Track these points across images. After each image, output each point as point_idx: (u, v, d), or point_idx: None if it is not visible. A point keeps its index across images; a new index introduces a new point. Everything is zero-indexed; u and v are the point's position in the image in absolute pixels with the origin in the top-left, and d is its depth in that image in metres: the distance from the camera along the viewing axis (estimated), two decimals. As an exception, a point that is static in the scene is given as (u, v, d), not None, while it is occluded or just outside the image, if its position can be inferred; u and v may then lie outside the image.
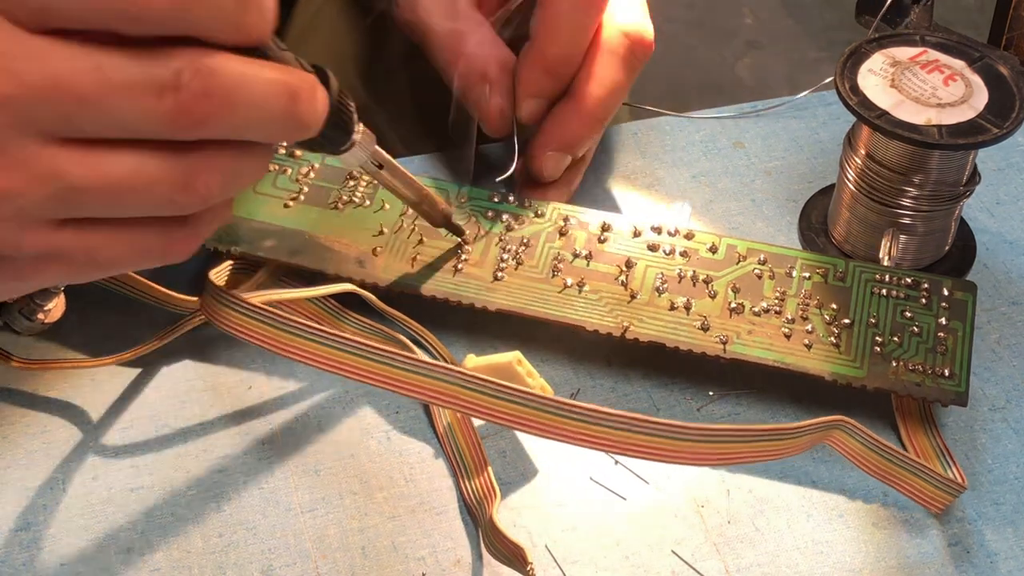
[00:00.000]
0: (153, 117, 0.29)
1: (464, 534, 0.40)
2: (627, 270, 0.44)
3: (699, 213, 0.51)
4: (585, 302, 0.44)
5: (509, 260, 0.45)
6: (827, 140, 0.54)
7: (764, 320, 0.43)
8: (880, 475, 0.40)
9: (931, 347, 0.42)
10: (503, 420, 0.37)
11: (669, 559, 0.40)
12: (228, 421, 0.43)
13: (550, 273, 0.44)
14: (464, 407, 0.38)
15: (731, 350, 0.42)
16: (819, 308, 0.43)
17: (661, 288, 0.44)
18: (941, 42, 0.47)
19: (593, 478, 0.42)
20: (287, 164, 0.48)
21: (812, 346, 0.42)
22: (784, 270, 0.44)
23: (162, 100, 0.29)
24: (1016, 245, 0.50)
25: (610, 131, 0.55)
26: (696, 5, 1.77)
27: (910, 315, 0.43)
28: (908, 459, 0.39)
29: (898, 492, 0.40)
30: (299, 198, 0.47)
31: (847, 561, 0.40)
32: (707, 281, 0.44)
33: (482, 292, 0.44)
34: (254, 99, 0.30)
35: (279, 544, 0.40)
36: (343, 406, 0.44)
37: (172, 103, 0.29)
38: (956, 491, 0.40)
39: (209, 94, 0.29)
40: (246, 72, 0.30)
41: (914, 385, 0.41)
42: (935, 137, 0.43)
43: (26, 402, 0.44)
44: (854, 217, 0.47)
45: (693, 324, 0.43)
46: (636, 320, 0.43)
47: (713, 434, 0.37)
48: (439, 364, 0.38)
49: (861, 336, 0.42)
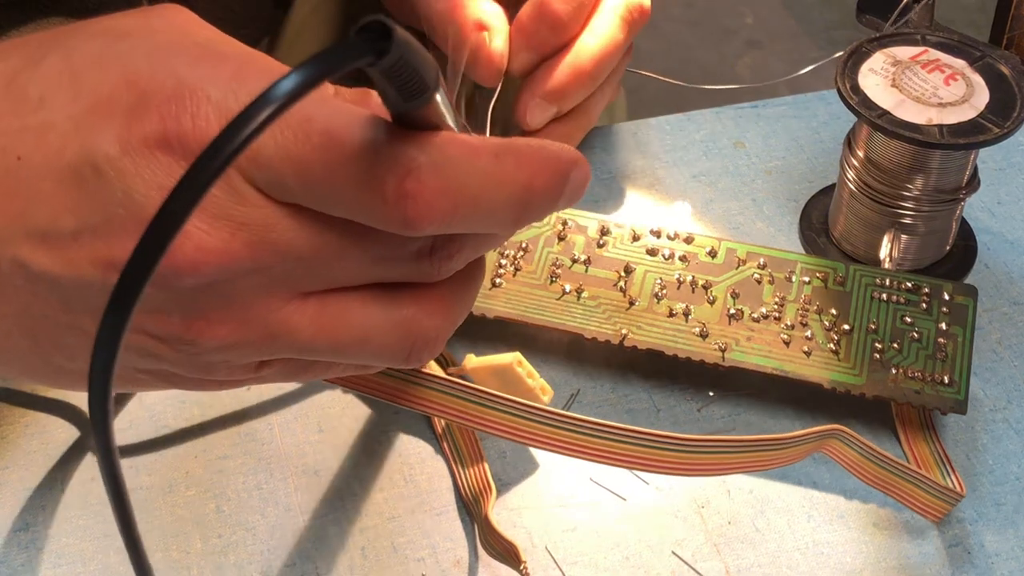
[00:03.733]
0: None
1: (463, 534, 0.40)
2: (626, 276, 0.44)
3: (699, 213, 0.51)
4: (583, 309, 0.43)
5: (507, 266, 0.45)
6: (827, 140, 0.54)
7: (763, 326, 0.43)
8: (878, 484, 0.40)
9: (931, 353, 0.42)
10: (499, 431, 0.37)
11: (669, 560, 0.39)
12: (228, 421, 0.43)
13: (548, 279, 0.44)
14: (462, 419, 0.38)
15: (730, 357, 0.42)
16: (819, 314, 0.43)
17: (660, 294, 0.44)
18: (942, 41, 0.46)
19: (593, 478, 0.42)
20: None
21: (811, 353, 0.42)
22: (784, 274, 0.44)
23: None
24: (1017, 245, 0.50)
25: (610, 131, 0.55)
26: (696, 5, 1.77)
27: (910, 320, 0.43)
28: (905, 468, 0.39)
29: (897, 500, 0.40)
30: None
31: (847, 562, 0.39)
32: (706, 287, 0.44)
33: (481, 299, 0.44)
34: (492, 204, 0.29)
35: (279, 544, 0.40)
36: (343, 406, 0.44)
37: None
38: (954, 500, 0.40)
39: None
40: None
41: (913, 393, 0.41)
42: (936, 137, 0.43)
43: (26, 402, 0.44)
44: (855, 217, 0.47)
45: (692, 331, 0.43)
46: (634, 327, 0.43)
47: (711, 445, 0.37)
48: (439, 377, 0.38)
49: (860, 343, 0.42)
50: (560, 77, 0.47)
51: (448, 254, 0.29)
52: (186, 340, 0.29)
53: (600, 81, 0.49)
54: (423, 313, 0.30)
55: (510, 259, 0.45)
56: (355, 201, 0.27)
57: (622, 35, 0.48)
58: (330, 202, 0.27)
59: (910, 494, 0.40)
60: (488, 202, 0.28)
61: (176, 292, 0.28)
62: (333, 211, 0.28)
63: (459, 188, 0.27)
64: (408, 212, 0.27)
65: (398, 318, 0.30)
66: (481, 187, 0.28)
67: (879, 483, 0.40)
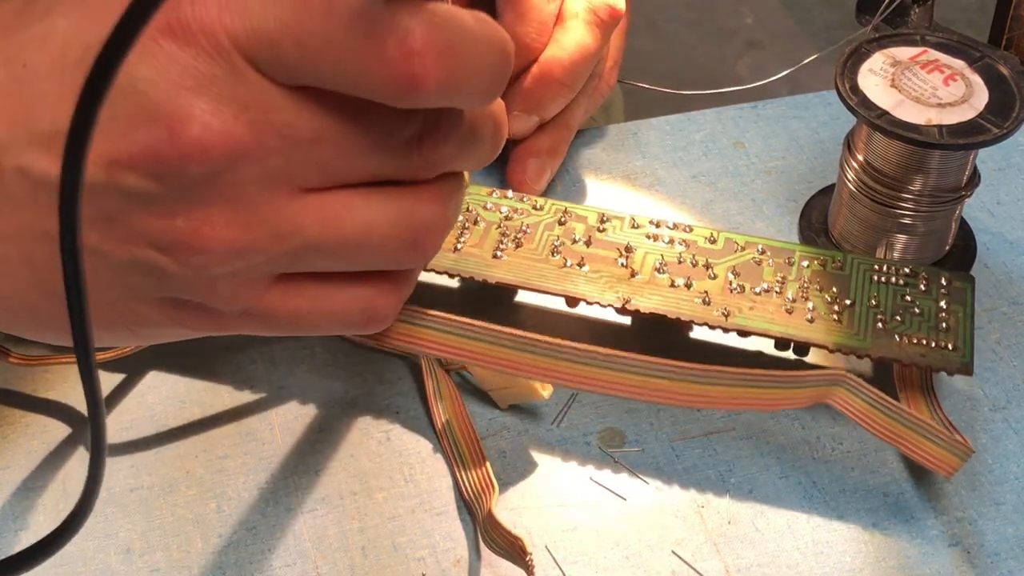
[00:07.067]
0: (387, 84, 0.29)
1: (464, 534, 0.40)
2: (627, 254, 0.44)
3: (699, 213, 0.51)
4: (585, 279, 0.43)
5: (508, 243, 0.45)
6: (827, 140, 0.54)
7: (765, 298, 0.43)
8: (886, 435, 0.39)
9: (933, 325, 0.42)
10: (490, 363, 0.39)
11: (669, 559, 0.39)
12: (228, 421, 0.43)
13: (550, 254, 0.44)
14: (455, 354, 0.39)
15: (733, 322, 0.42)
16: (820, 290, 0.43)
17: (661, 269, 0.44)
18: (941, 42, 0.46)
19: (593, 478, 0.42)
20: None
21: (815, 321, 0.42)
22: (783, 259, 0.44)
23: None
24: (1017, 245, 0.50)
25: (610, 131, 0.55)
26: (696, 5, 1.77)
27: (910, 298, 0.43)
28: (915, 418, 0.39)
29: (905, 454, 0.40)
30: None
31: (847, 561, 0.39)
32: (707, 266, 0.44)
33: (481, 267, 0.44)
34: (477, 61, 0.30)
35: (279, 544, 0.40)
36: (343, 406, 0.44)
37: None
38: (965, 454, 0.39)
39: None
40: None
41: (919, 355, 0.41)
42: (935, 137, 0.43)
43: (26, 402, 0.44)
44: (854, 217, 0.47)
45: (694, 299, 0.43)
46: (637, 295, 0.43)
47: (713, 376, 0.38)
48: (433, 313, 0.39)
49: (863, 315, 0.42)
50: (529, 86, 0.48)
51: (435, 141, 0.30)
52: (192, 247, 0.29)
53: (576, 85, 0.49)
54: (420, 201, 0.31)
55: (511, 238, 0.45)
56: (357, 65, 0.28)
57: (591, 38, 0.49)
58: (331, 71, 0.28)
59: (919, 446, 0.39)
60: (477, 63, 0.29)
61: (181, 186, 0.28)
62: (334, 83, 0.28)
63: (456, 48, 0.28)
64: (415, 69, 0.27)
65: (398, 208, 0.31)
66: (473, 48, 0.29)
67: (888, 434, 0.39)
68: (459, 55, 0.28)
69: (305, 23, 0.27)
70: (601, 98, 0.53)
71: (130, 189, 0.28)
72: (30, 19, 0.29)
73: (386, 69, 0.27)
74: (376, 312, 0.33)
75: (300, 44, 0.27)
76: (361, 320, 0.33)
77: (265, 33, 0.27)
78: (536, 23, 0.48)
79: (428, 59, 0.28)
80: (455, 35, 0.28)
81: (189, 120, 0.27)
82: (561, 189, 0.52)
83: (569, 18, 0.49)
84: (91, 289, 0.24)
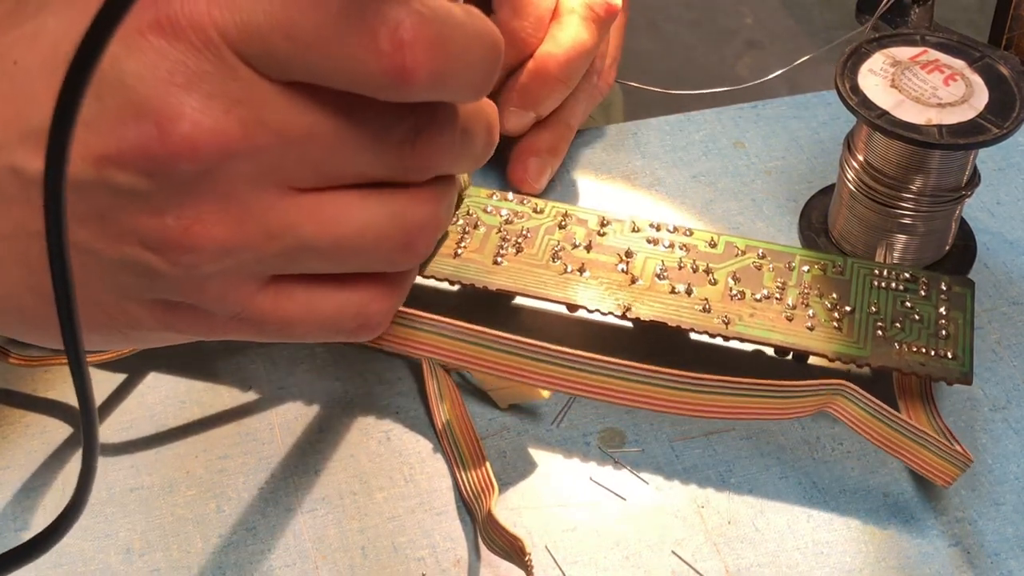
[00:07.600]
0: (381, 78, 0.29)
1: (464, 534, 0.40)
2: (627, 259, 0.44)
3: (699, 213, 0.51)
4: (585, 285, 0.43)
5: (508, 248, 0.45)
6: (827, 140, 0.54)
7: (765, 305, 0.43)
8: (884, 444, 0.39)
9: (933, 332, 0.42)
10: (488, 368, 0.39)
11: (669, 559, 0.39)
12: (228, 421, 0.43)
13: (550, 260, 0.44)
14: (455, 359, 0.39)
15: (733, 330, 0.42)
16: (820, 296, 0.43)
17: (662, 275, 0.44)
18: (941, 42, 0.46)
19: (593, 478, 0.42)
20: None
21: (815, 328, 0.42)
22: (783, 264, 0.44)
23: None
24: (1017, 245, 0.50)
25: (610, 131, 0.55)
26: (696, 5, 1.77)
27: (910, 304, 0.43)
28: (913, 428, 0.39)
29: (904, 462, 0.40)
30: None
31: (847, 561, 0.39)
32: (707, 271, 0.44)
33: (482, 274, 0.44)
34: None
35: (279, 544, 0.40)
36: (343, 406, 0.44)
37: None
38: (963, 464, 0.39)
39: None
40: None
41: (918, 364, 0.41)
42: (935, 137, 0.43)
43: (25, 402, 0.44)
44: (854, 217, 0.47)
45: (694, 307, 0.43)
46: (637, 303, 0.43)
47: (711, 385, 0.38)
48: (432, 317, 0.39)
49: (863, 322, 0.42)
50: (524, 82, 0.48)
51: (428, 140, 0.30)
52: (183, 245, 0.28)
53: (572, 82, 0.49)
54: (414, 202, 0.31)
55: (511, 242, 0.45)
56: (348, 58, 0.27)
57: (587, 34, 0.48)
58: (322, 65, 0.28)
59: (918, 456, 0.39)
60: (468, 56, 0.29)
61: (171, 184, 0.28)
62: (326, 77, 0.28)
63: (446, 40, 0.28)
64: (406, 61, 0.27)
65: (393, 207, 0.31)
66: (464, 40, 0.29)
67: (886, 444, 0.39)
68: (449, 47, 0.28)
69: (295, 16, 0.27)
70: (600, 96, 0.53)
71: (120, 186, 0.28)
72: (21, 17, 0.29)
73: (377, 61, 0.27)
74: (368, 318, 0.33)
75: (290, 38, 0.27)
76: (353, 326, 0.33)
77: (255, 27, 0.27)
78: (532, 18, 0.48)
79: (419, 50, 0.27)
80: (445, 27, 0.28)
81: (179, 117, 0.27)
82: (561, 189, 0.52)
83: (565, 13, 0.48)
84: (82, 288, 0.24)
